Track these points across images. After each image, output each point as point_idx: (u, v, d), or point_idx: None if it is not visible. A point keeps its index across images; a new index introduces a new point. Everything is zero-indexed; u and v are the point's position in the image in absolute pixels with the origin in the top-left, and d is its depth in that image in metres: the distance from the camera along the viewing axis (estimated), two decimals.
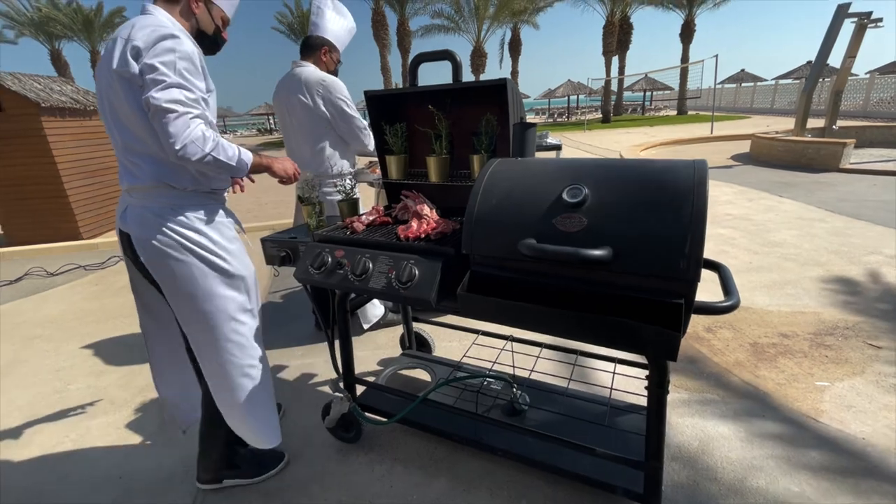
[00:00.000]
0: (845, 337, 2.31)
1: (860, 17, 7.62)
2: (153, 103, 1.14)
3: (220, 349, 1.40)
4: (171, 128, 1.14)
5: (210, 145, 1.20)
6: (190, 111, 1.17)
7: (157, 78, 1.15)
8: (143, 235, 1.30)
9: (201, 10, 1.35)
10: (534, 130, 1.41)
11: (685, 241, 0.97)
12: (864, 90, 17.68)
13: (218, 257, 1.36)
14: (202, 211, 1.36)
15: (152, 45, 1.16)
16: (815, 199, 5.12)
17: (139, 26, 1.19)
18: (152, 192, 1.29)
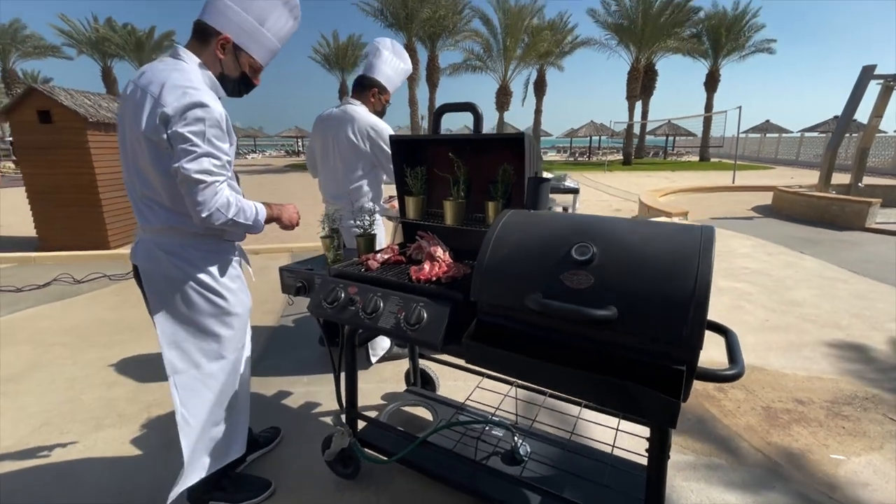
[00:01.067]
0: (864, 408, 2.22)
1: (886, 79, 7.65)
2: (183, 173, 1.19)
3: (199, 382, 1.44)
4: (199, 196, 1.21)
5: (233, 210, 1.28)
6: (217, 179, 1.24)
7: (188, 149, 1.19)
8: (148, 268, 1.37)
9: (227, 58, 1.35)
10: (548, 185, 1.46)
11: (689, 307, 0.99)
12: (893, 147, 17.49)
13: (217, 295, 1.43)
14: (208, 249, 1.42)
15: (182, 112, 1.19)
16: (837, 258, 5.01)
17: (168, 88, 1.20)
18: (166, 232, 1.36)
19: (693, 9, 21.65)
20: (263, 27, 1.36)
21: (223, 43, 1.32)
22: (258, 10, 1.33)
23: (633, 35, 22.04)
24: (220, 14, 1.30)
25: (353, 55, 29.41)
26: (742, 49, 24.20)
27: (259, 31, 1.35)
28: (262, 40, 1.37)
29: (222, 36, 1.31)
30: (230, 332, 1.49)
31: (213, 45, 1.32)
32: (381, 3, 21.41)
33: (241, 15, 1.31)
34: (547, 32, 22.04)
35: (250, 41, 1.35)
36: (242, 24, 1.32)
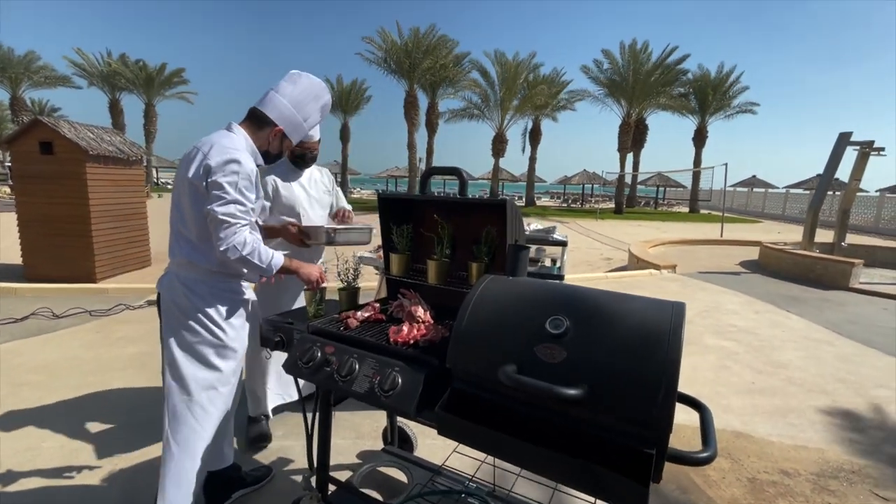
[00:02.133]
0: (850, 482, 2.18)
1: (862, 145, 8.03)
2: (213, 214, 1.45)
3: (186, 409, 1.56)
4: (221, 233, 1.46)
5: (247, 249, 1.49)
6: (240, 221, 1.48)
7: (220, 195, 1.45)
8: (166, 296, 1.58)
9: (275, 142, 1.66)
10: (527, 252, 1.50)
11: (658, 389, 0.99)
12: (876, 207, 18.08)
13: (219, 328, 1.59)
14: (221, 286, 1.61)
15: (222, 165, 1.46)
16: (823, 319, 5.06)
17: (217, 148, 1.48)
18: (186, 266, 1.58)
19: (682, 70, 22.93)
20: (306, 123, 1.69)
21: (277, 132, 1.63)
22: (306, 112, 1.67)
23: (624, 91, 23.16)
24: (276, 108, 1.60)
25: (356, 98, 30.49)
26: (727, 109, 25.47)
27: (302, 126, 1.69)
28: (301, 131, 1.70)
29: (278, 128, 1.62)
30: (225, 364, 1.61)
31: (268, 132, 1.62)
32: (384, 53, 22.47)
33: (293, 113, 1.63)
34: (543, 87, 23.10)
35: (293, 132, 1.67)
36: (293, 121, 1.64)
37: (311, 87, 1.66)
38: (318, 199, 2.37)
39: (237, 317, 1.65)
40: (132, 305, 4.51)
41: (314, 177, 2.39)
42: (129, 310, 4.42)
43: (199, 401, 1.57)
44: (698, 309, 5.27)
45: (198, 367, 1.57)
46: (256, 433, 2.27)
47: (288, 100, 1.61)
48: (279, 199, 2.22)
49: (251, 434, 2.26)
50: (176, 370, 1.56)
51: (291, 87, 1.63)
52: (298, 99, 1.63)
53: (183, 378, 1.55)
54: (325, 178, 2.47)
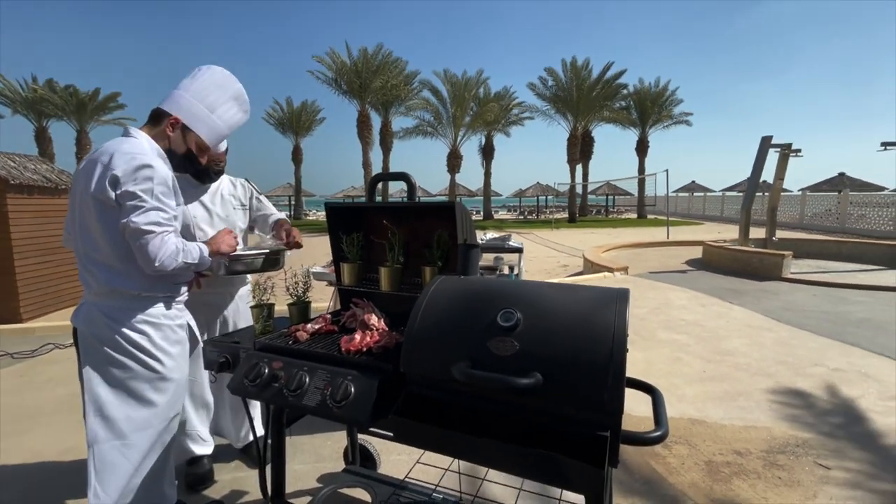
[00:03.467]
0: (796, 455, 2.30)
1: (782, 147, 8.80)
2: (132, 227, 1.30)
3: (119, 454, 1.39)
4: (150, 247, 1.32)
5: (181, 256, 1.39)
6: (166, 230, 1.35)
7: (137, 204, 1.31)
8: (85, 330, 1.41)
9: (175, 135, 1.52)
10: (477, 251, 1.50)
11: (607, 372, 1.01)
12: (799, 204, 19.75)
13: (154, 359, 1.44)
14: (151, 312, 1.45)
15: (131, 173, 1.31)
16: (761, 307, 5.41)
17: (118, 154, 1.33)
18: (107, 294, 1.41)
19: (621, 84, 24.38)
20: (213, 114, 1.55)
21: (173, 122, 1.49)
22: (209, 100, 1.54)
23: (569, 106, 24.29)
24: (174, 102, 1.50)
25: (307, 120, 30.13)
26: (665, 120, 27.27)
27: (208, 116, 1.54)
28: (209, 123, 1.56)
29: (172, 117, 1.49)
30: (163, 398, 1.47)
31: (164, 125, 1.49)
32: (335, 73, 22.45)
33: (192, 102, 1.51)
34: (493, 105, 23.82)
35: (198, 122, 1.53)
36: (192, 108, 1.51)
37: (212, 77, 1.55)
38: (224, 218, 2.01)
39: (175, 343, 1.51)
40: (62, 344, 4.13)
41: (223, 190, 2.05)
42: (59, 349, 4.05)
43: (136, 444, 1.41)
44: (650, 306, 5.50)
45: (132, 407, 1.41)
46: (196, 475, 2.02)
47: (184, 90, 1.50)
48: None
49: (188, 479, 2.01)
50: (104, 412, 1.38)
51: (190, 79, 1.52)
52: (197, 89, 1.52)
53: (113, 420, 1.39)
54: (241, 190, 2.13)
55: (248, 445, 2.24)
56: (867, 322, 4.75)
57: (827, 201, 18.89)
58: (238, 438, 2.24)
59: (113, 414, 1.39)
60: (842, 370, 3.43)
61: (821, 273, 7.69)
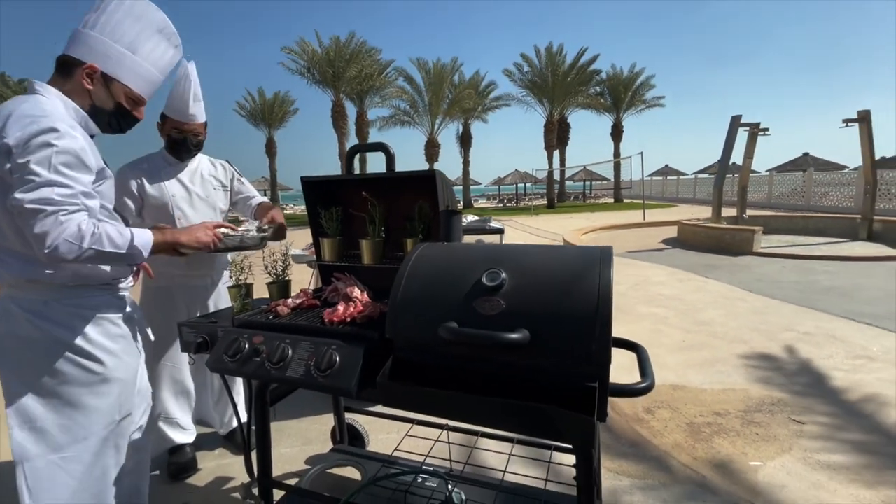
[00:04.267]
0: (772, 413, 2.39)
1: (751, 126, 9.04)
2: (16, 204, 1.02)
3: (58, 469, 1.19)
4: (37, 228, 1.02)
5: (88, 240, 1.07)
6: (63, 208, 1.05)
7: (25, 178, 1.03)
8: (2, 328, 1.16)
9: (96, 87, 1.21)
10: (459, 217, 1.48)
11: (594, 325, 1.01)
12: (767, 185, 20.39)
13: (92, 359, 1.22)
14: (84, 304, 1.22)
15: (25, 141, 1.04)
16: (735, 280, 5.58)
17: (14, 118, 1.07)
18: (24, 286, 1.17)
19: (595, 70, 24.55)
20: (137, 55, 1.25)
21: (89, 72, 1.19)
22: (128, 38, 1.23)
23: (545, 92, 24.35)
24: (83, 44, 1.19)
25: (280, 111, 29.41)
26: (638, 105, 27.66)
27: (131, 58, 1.24)
28: (136, 69, 1.25)
29: (87, 65, 1.19)
30: (105, 401, 1.25)
31: (78, 76, 1.19)
32: (307, 62, 21.90)
33: (106, 43, 1.20)
34: (469, 91, 23.68)
35: (120, 69, 1.23)
36: (109, 52, 1.21)
37: (124, 7, 1.22)
38: (204, 198, 1.94)
39: (117, 338, 1.28)
40: None
41: (203, 170, 1.97)
42: None
43: (76, 456, 1.20)
44: (630, 283, 5.60)
45: (66, 415, 1.19)
46: (177, 464, 1.96)
47: (94, 30, 1.19)
48: (148, 200, 1.83)
49: (170, 469, 1.95)
50: (33, 424, 1.16)
51: (96, 13, 1.19)
52: (110, 25, 1.20)
53: (45, 432, 1.17)
54: (221, 171, 2.05)
55: (233, 432, 2.19)
56: (833, 290, 4.96)
57: (793, 181, 19.54)
58: (222, 424, 2.19)
59: (44, 425, 1.17)
60: (811, 334, 3.57)
61: (789, 247, 7.98)
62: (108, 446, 1.27)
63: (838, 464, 1.95)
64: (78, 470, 1.21)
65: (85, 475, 1.23)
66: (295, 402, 2.57)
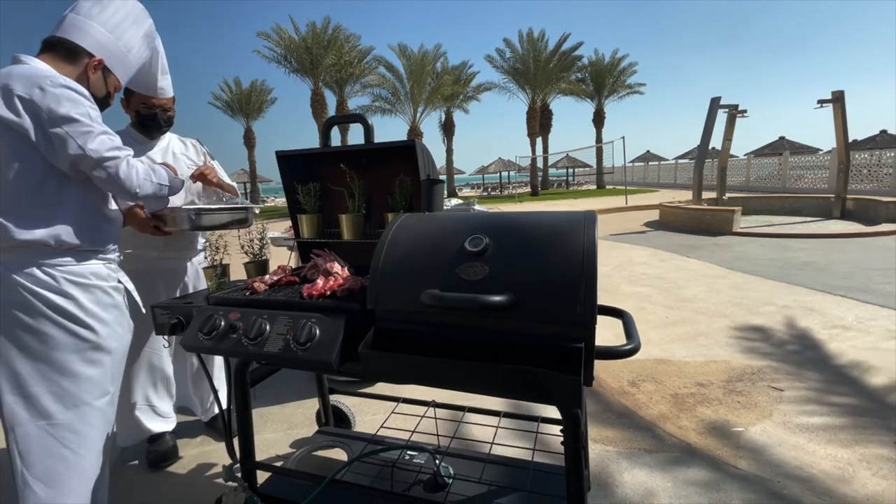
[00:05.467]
0: (752, 382, 2.44)
1: (730, 108, 9.16)
2: (91, 156, 1.14)
3: (48, 436, 1.18)
4: (121, 173, 1.19)
5: (154, 176, 1.31)
6: (127, 152, 1.22)
7: (82, 130, 1.13)
8: None
9: (97, 77, 1.32)
10: (441, 186, 1.45)
11: (579, 286, 0.99)
12: (745, 169, 20.79)
13: (82, 325, 1.22)
14: (77, 270, 1.22)
15: (58, 98, 1.11)
16: (716, 259, 5.68)
17: (24, 76, 1.12)
18: (18, 249, 1.16)
19: (577, 56, 24.52)
20: (129, 53, 1.40)
21: (96, 65, 1.31)
22: (126, 38, 1.38)
23: (527, 78, 24.26)
24: (91, 37, 1.29)
25: (257, 100, 28.70)
26: (620, 90, 27.79)
27: (125, 56, 1.39)
28: (128, 65, 1.42)
29: (97, 59, 1.30)
30: (96, 370, 1.25)
31: (84, 66, 1.29)
32: (284, 50, 21.36)
33: (112, 41, 1.34)
34: (448, 77, 23.42)
35: (119, 65, 1.38)
36: (114, 50, 1.35)
37: (127, 9, 1.35)
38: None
39: (109, 307, 1.29)
40: None
41: (173, 149, 1.92)
42: None
43: (66, 422, 1.20)
44: (613, 264, 5.66)
45: (55, 382, 1.19)
46: (158, 452, 1.89)
47: (99, 23, 1.29)
48: None
49: (149, 458, 1.89)
50: (24, 390, 1.17)
51: (99, 7, 1.30)
52: (114, 23, 1.32)
53: (33, 397, 1.17)
54: (192, 150, 1.99)
55: (215, 418, 2.14)
56: (809, 265, 5.09)
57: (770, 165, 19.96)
58: (203, 410, 2.14)
59: (34, 390, 1.17)
60: (789, 307, 3.66)
61: (767, 226, 8.16)
62: (100, 418, 1.27)
63: (816, 426, 2.00)
64: (70, 439, 1.21)
65: (81, 445, 1.22)
66: (278, 387, 2.54)
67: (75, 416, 1.22)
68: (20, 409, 1.16)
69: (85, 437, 1.23)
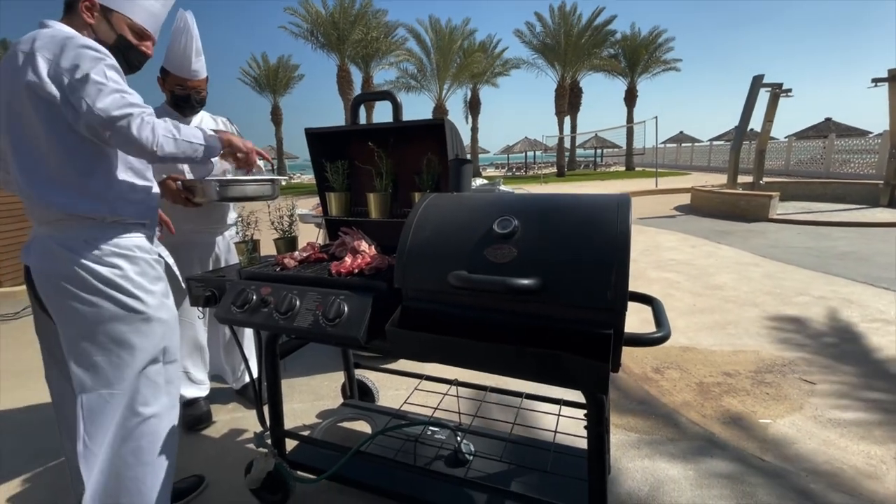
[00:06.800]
0: (783, 374, 2.37)
1: (773, 87, 8.64)
2: (103, 115, 1.04)
3: (108, 405, 1.21)
4: (133, 130, 1.06)
5: (178, 133, 1.15)
6: (143, 110, 1.09)
7: (96, 88, 1.04)
8: (43, 268, 1.17)
9: (96, 20, 1.20)
10: (470, 166, 1.43)
11: (611, 271, 0.97)
12: (785, 152, 19.76)
13: (134, 298, 1.22)
14: (122, 243, 1.22)
15: (72, 54, 1.06)
16: (749, 246, 5.48)
17: (44, 37, 1.08)
18: (65, 223, 1.16)
19: (610, 31, 23.48)
20: None
21: (87, 5, 1.18)
22: None
23: (557, 55, 23.45)
24: None
25: (284, 76, 28.78)
26: (655, 67, 26.57)
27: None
28: (130, 6, 1.24)
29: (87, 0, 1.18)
30: (149, 342, 1.26)
31: (79, 11, 1.18)
32: (311, 25, 21.22)
33: None
34: (479, 55, 22.85)
35: (121, 4, 1.22)
36: None
37: None
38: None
39: (155, 280, 1.29)
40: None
41: (206, 126, 1.91)
42: None
43: (122, 392, 1.22)
44: (640, 249, 5.53)
45: (114, 352, 1.20)
46: (193, 416, 2.00)
47: None
48: None
49: (185, 419, 1.97)
50: (86, 360, 1.19)
51: None
52: None
53: (98, 367, 1.19)
54: (223, 128, 2.00)
55: (245, 386, 2.23)
56: (850, 255, 4.85)
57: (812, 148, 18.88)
58: (234, 378, 2.23)
59: (96, 359, 1.20)
60: (826, 298, 3.51)
61: (806, 213, 7.78)
62: (147, 386, 1.27)
63: (850, 421, 1.94)
64: (121, 404, 1.23)
65: (132, 412, 1.24)
66: (306, 359, 2.62)
67: (130, 385, 1.23)
68: (85, 377, 1.19)
69: (133, 403, 1.24)
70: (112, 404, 1.22)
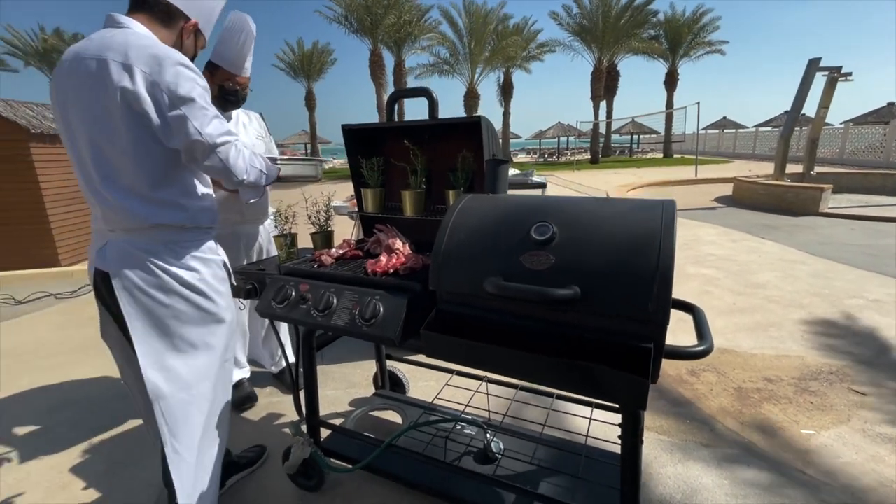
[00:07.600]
0: (829, 382, 2.26)
1: (831, 70, 8.04)
2: (209, 141, 1.12)
3: (190, 406, 1.24)
4: (230, 160, 1.18)
5: (258, 163, 1.30)
6: (237, 138, 1.20)
7: (203, 112, 1.11)
8: (125, 272, 1.16)
9: (189, 42, 1.28)
10: (506, 167, 1.41)
11: (653, 282, 0.94)
12: (840, 139, 18.48)
13: (209, 300, 1.27)
14: (199, 247, 1.27)
15: (174, 74, 1.07)
16: (795, 242, 5.19)
17: (137, 47, 1.07)
18: (149, 231, 1.18)
19: (651, 11, 22.37)
20: (214, 12, 1.36)
21: (192, 28, 1.27)
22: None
23: (594, 37, 22.59)
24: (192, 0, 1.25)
25: (318, 62, 29.03)
26: (698, 49, 25.20)
27: (213, 14, 1.35)
28: (212, 24, 1.37)
29: (192, 21, 1.26)
30: (221, 341, 1.31)
31: (179, 29, 1.24)
32: (344, 10, 21.23)
33: (210, 4, 1.31)
34: (515, 38, 22.31)
35: (208, 26, 1.34)
36: (205, 10, 1.30)
37: None
38: (251, 146, 1.98)
39: (222, 280, 1.33)
40: None
41: (242, 121, 2.05)
42: None
43: (203, 393, 1.26)
44: (678, 242, 5.32)
45: (191, 355, 1.24)
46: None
47: None
48: None
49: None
50: (163, 363, 1.20)
51: None
52: None
53: (174, 370, 1.21)
54: (256, 122, 2.13)
55: (282, 371, 2.33)
56: None
57: (871, 135, 17.52)
58: (272, 362, 2.33)
59: (173, 363, 1.21)
60: (881, 301, 3.30)
61: (862, 207, 7.28)
62: (225, 384, 1.36)
63: None
64: (205, 407, 1.27)
65: (210, 411, 1.29)
66: (339, 348, 2.69)
67: (208, 387, 1.27)
68: (162, 382, 1.19)
69: (216, 401, 1.31)
70: (195, 406, 1.25)
